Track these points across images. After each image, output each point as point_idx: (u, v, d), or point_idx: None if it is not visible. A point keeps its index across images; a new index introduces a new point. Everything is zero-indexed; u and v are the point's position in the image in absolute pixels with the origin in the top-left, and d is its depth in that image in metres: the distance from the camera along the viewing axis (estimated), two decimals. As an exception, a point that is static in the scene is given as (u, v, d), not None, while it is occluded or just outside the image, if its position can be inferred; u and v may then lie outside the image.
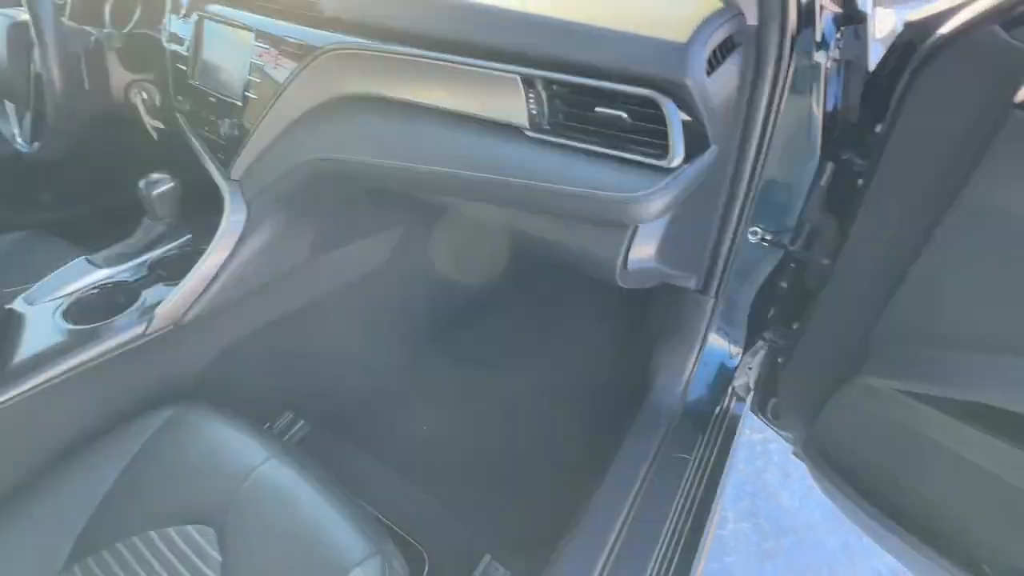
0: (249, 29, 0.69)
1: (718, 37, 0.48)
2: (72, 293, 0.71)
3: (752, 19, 0.53)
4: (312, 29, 0.65)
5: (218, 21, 0.75)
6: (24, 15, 0.81)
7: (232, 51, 0.73)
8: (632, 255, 0.57)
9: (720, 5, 0.50)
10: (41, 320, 0.68)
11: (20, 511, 0.60)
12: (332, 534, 0.54)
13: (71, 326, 0.67)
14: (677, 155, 0.47)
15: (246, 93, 0.71)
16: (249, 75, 0.70)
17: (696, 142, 0.48)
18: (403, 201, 0.79)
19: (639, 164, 0.49)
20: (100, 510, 0.60)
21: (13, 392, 0.60)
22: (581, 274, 0.70)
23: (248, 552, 0.55)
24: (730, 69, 0.52)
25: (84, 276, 0.74)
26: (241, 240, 0.75)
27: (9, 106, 0.90)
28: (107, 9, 0.93)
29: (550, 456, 0.94)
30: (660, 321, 0.81)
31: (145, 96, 0.89)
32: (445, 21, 0.58)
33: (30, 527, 0.59)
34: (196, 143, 0.81)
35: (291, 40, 0.65)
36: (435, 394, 1.06)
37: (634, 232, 0.56)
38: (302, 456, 0.63)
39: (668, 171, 0.47)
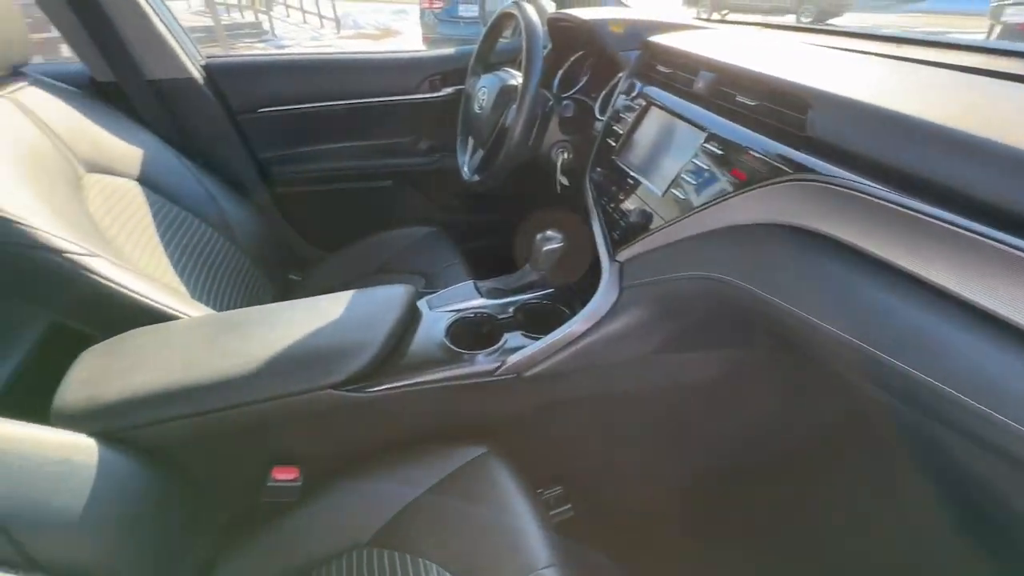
0: (703, 129, 0.66)
1: None
2: (457, 311, 0.82)
3: None
4: (784, 146, 0.57)
5: (669, 112, 0.75)
6: (514, 80, 0.99)
7: (672, 144, 0.72)
8: None
9: None
10: (431, 326, 0.80)
11: (336, 486, 0.70)
12: None
13: (447, 342, 0.76)
14: None
15: (672, 189, 0.68)
16: (682, 173, 0.67)
17: None
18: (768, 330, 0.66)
19: None
20: (400, 516, 0.66)
21: (389, 383, 0.71)
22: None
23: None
24: None
25: (469, 299, 0.85)
26: (603, 320, 0.74)
27: (469, 142, 1.12)
28: (558, 76, 1.08)
29: None
30: None
31: (565, 156, 0.99)
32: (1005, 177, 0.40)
33: (338, 504, 0.69)
34: (596, 213, 0.84)
35: (754, 153, 0.59)
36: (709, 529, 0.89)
37: None
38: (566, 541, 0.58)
39: None
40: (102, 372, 0.65)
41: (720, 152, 0.63)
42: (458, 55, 1.38)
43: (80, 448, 0.56)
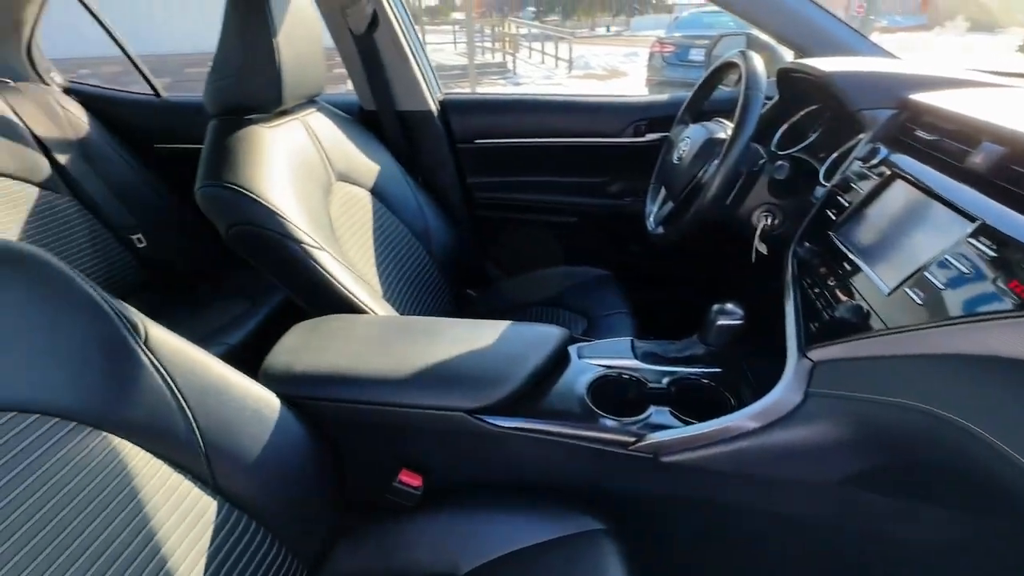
0: (973, 218, 0.50)
1: None
2: (606, 367, 0.77)
3: None
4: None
5: (922, 189, 0.59)
6: (722, 133, 0.91)
7: (920, 230, 0.56)
8: None
9: None
10: (575, 377, 0.76)
11: (451, 507, 0.72)
12: None
13: (587, 399, 0.72)
14: None
15: (906, 287, 0.53)
16: (928, 270, 0.51)
17: None
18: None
19: None
20: (501, 561, 0.65)
21: (521, 423, 0.69)
22: None
23: None
24: None
25: (622, 357, 0.80)
26: (776, 424, 0.61)
27: (661, 192, 1.06)
28: (779, 132, 0.95)
29: None
30: None
31: (768, 222, 0.86)
32: None
33: (447, 527, 0.70)
34: (792, 294, 0.71)
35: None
36: None
37: None
38: None
39: None
40: (299, 346, 0.79)
41: (994, 252, 0.46)
42: (669, 102, 1.33)
43: (270, 404, 0.68)
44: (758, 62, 0.85)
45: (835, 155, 0.81)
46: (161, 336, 0.60)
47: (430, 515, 0.73)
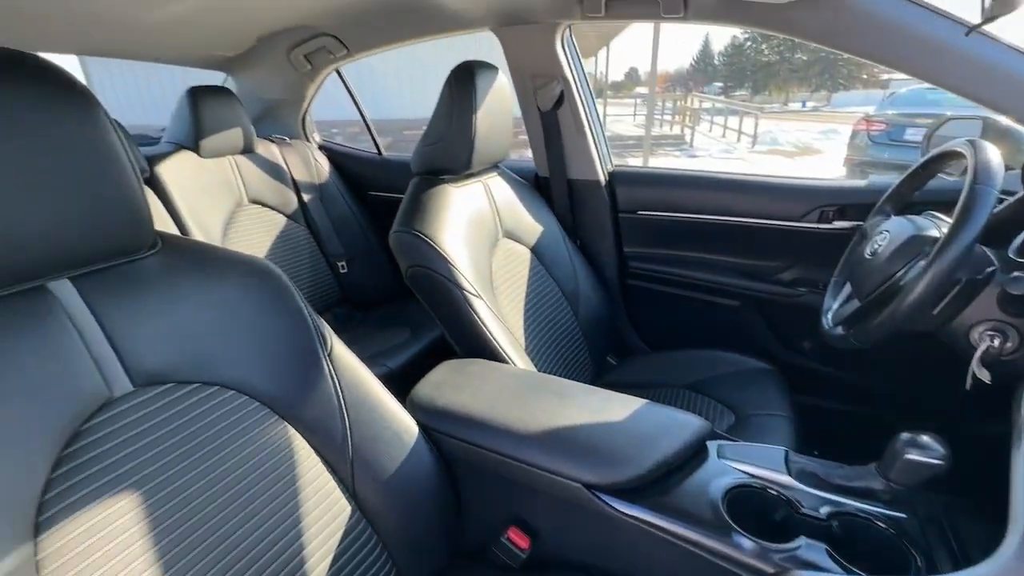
0: None
1: None
2: (750, 476, 0.68)
3: None
4: None
5: None
6: (934, 230, 0.78)
7: None
8: None
9: None
10: (710, 478, 0.68)
11: None
12: None
13: (721, 506, 0.64)
14: None
15: None
16: None
17: None
18: None
19: None
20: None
21: (640, 514, 0.64)
22: None
23: None
24: None
25: (770, 469, 0.69)
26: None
27: (845, 288, 0.93)
28: (1021, 237, 0.77)
29: None
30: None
31: (994, 343, 0.69)
32: None
33: None
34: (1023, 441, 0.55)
35: None
36: None
37: None
38: None
39: None
40: (442, 382, 0.86)
41: None
42: (866, 188, 1.18)
43: (410, 430, 0.75)
44: (992, 153, 0.71)
45: None
46: (340, 351, 0.71)
47: None
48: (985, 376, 0.70)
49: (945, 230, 0.70)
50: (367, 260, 1.82)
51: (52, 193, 0.47)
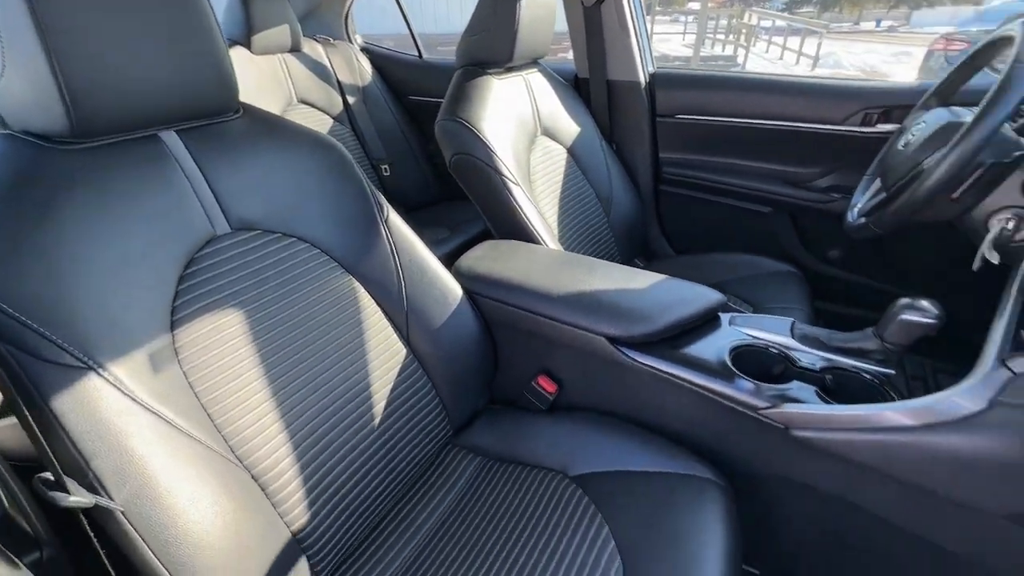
0: None
1: None
2: (755, 338, 0.76)
3: None
4: None
5: None
6: (967, 117, 0.78)
7: None
8: None
9: None
10: (719, 338, 0.77)
11: (574, 418, 0.80)
12: None
13: (727, 360, 0.73)
14: None
15: None
16: None
17: None
18: None
19: None
20: (607, 475, 0.72)
21: (654, 362, 0.74)
22: None
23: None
24: None
25: (776, 334, 0.77)
26: (942, 427, 0.55)
27: (875, 184, 0.95)
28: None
29: None
30: None
31: (1008, 227, 0.73)
32: None
33: (569, 433, 0.80)
34: (1013, 302, 0.61)
35: None
36: None
37: None
38: None
39: None
40: (483, 256, 0.95)
41: None
42: (915, 88, 1.15)
43: (455, 292, 0.86)
44: None
45: None
46: (395, 219, 0.81)
47: (557, 420, 0.83)
48: (995, 258, 0.73)
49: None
50: (406, 163, 1.89)
51: (161, 53, 0.55)
